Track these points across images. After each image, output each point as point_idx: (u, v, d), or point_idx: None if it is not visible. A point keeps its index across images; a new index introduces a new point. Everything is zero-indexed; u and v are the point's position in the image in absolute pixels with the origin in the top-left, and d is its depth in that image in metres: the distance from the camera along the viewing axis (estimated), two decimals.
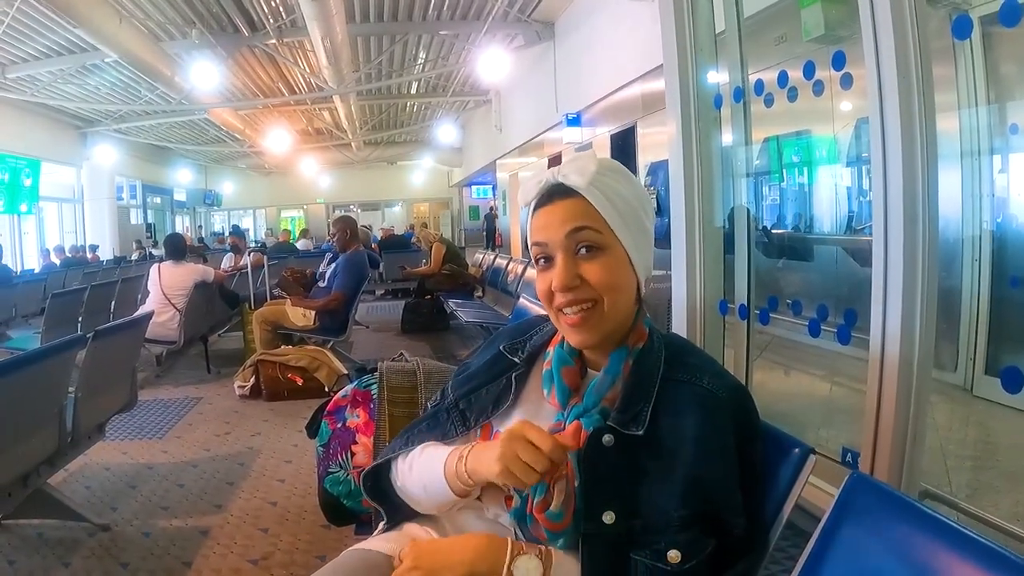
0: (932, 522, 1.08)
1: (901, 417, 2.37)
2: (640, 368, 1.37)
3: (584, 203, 1.33)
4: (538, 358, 1.52)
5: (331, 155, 26.65)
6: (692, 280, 3.63)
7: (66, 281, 11.55)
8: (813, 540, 1.22)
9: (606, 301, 1.33)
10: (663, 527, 1.24)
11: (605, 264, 1.33)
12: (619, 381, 1.36)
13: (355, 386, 2.16)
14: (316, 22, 9.70)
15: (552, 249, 1.35)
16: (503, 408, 1.47)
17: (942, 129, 2.36)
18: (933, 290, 2.38)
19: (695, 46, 3.61)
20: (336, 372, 6.16)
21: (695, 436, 1.28)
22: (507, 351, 1.55)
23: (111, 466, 4.54)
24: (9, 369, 2.83)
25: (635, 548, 1.25)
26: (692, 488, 1.25)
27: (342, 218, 7.65)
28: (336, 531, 3.16)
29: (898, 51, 2.32)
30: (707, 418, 1.30)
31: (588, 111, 11.18)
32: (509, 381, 1.49)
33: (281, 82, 17.10)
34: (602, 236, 1.33)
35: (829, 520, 1.21)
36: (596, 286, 1.32)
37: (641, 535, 1.25)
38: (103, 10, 9.67)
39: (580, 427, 1.32)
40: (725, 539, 1.25)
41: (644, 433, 1.30)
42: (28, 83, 14.65)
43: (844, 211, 5.11)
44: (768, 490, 1.35)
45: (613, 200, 1.34)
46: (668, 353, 1.40)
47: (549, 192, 1.37)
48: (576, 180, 1.33)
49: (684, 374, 1.36)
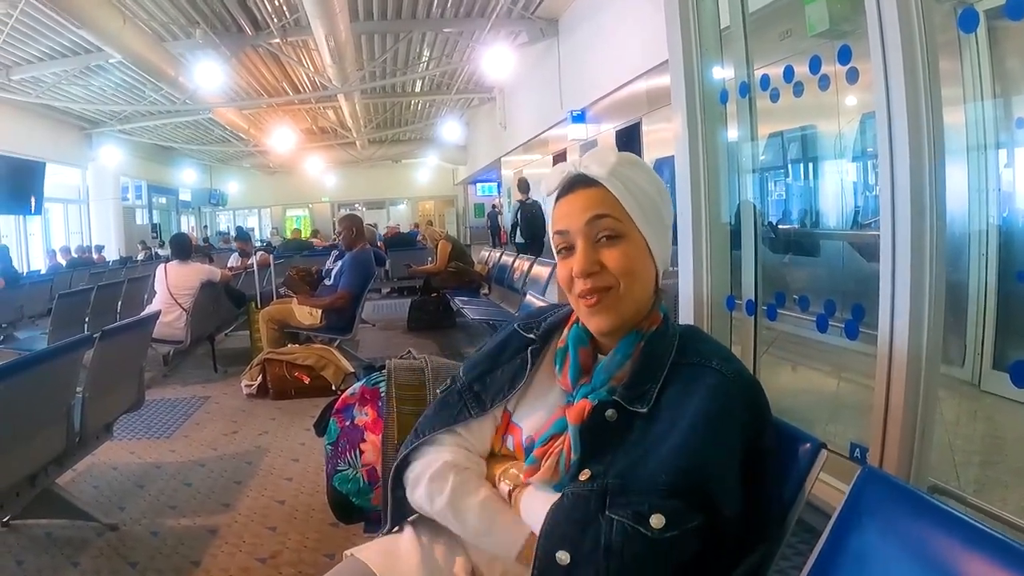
0: (945, 516, 1.07)
1: (910, 412, 2.36)
2: (651, 350, 1.38)
3: (604, 192, 1.36)
4: (552, 337, 1.55)
5: (336, 154, 26.70)
6: (699, 276, 3.63)
7: (72, 282, 11.61)
8: (825, 535, 1.22)
9: (623, 285, 1.36)
10: (645, 490, 1.22)
11: (624, 251, 1.36)
12: (629, 362, 1.38)
13: (363, 384, 2.16)
14: (320, 21, 9.71)
15: (573, 237, 1.38)
16: (519, 386, 1.49)
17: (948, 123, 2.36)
18: (941, 284, 2.38)
19: (700, 42, 3.60)
20: (343, 370, 6.17)
21: (696, 410, 1.28)
22: (522, 329, 1.58)
23: (119, 465, 4.55)
24: (17, 369, 2.83)
25: (611, 507, 1.23)
26: (684, 456, 1.24)
27: (348, 216, 7.67)
28: (344, 529, 3.16)
29: (904, 45, 2.31)
30: (713, 396, 1.30)
31: (593, 107, 11.19)
32: (525, 358, 1.52)
33: (285, 81, 17.14)
34: (622, 224, 1.36)
35: (841, 515, 1.21)
36: (615, 271, 1.35)
37: (618, 494, 1.23)
38: (107, 11, 9.69)
39: (587, 405, 1.34)
40: (714, 519, 1.22)
41: (648, 411, 1.31)
42: (33, 85, 14.73)
43: (850, 206, 5.11)
44: (780, 484, 1.35)
45: (633, 191, 1.37)
46: (681, 340, 1.41)
47: (571, 182, 1.41)
48: (597, 170, 1.36)
49: (695, 357, 1.37)
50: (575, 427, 1.32)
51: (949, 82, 4.05)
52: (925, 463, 2.44)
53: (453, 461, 1.49)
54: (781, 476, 1.35)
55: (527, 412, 1.49)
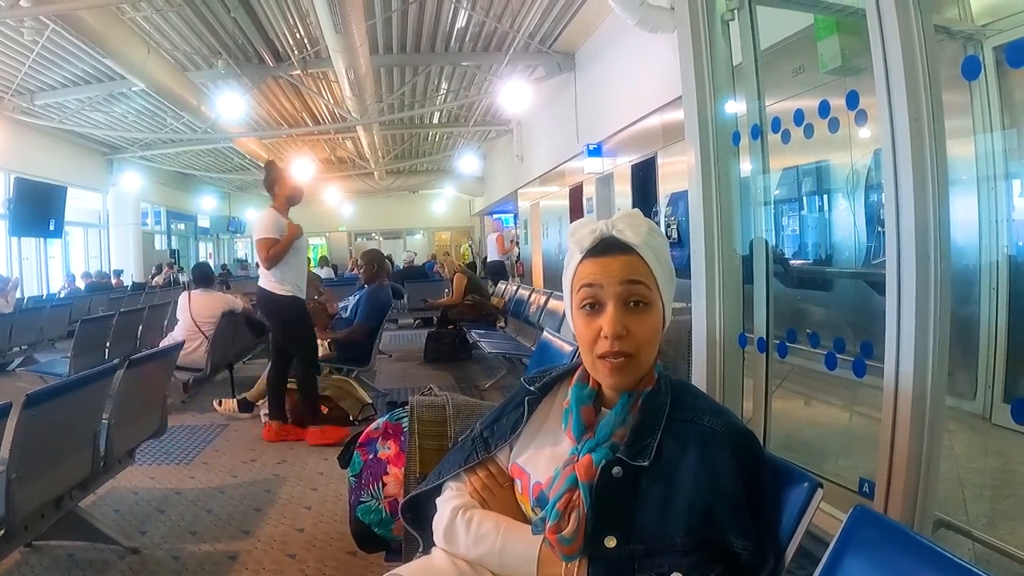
0: (934, 556, 1.13)
1: (915, 447, 2.41)
2: (648, 407, 1.50)
3: (638, 260, 1.48)
4: (552, 389, 1.69)
5: (354, 184, 26.79)
6: (712, 312, 3.67)
7: (91, 306, 11.73)
8: (818, 571, 1.29)
9: (643, 353, 1.48)
10: (666, 551, 1.35)
11: (650, 322, 1.49)
12: (629, 419, 1.50)
13: (386, 419, 2.24)
14: (340, 54, 9.84)
15: (604, 297, 1.48)
16: (520, 430, 1.64)
17: (958, 155, 2.42)
18: (946, 321, 2.43)
19: (713, 79, 3.67)
20: (361, 401, 6.23)
21: (696, 468, 1.41)
22: (527, 382, 1.72)
23: (139, 490, 4.60)
24: (50, 396, 2.93)
25: (639, 571, 1.36)
26: (694, 516, 1.36)
27: (371, 251, 7.78)
28: (363, 558, 3.23)
29: (909, 90, 2.38)
30: (707, 451, 1.42)
31: (609, 141, 11.25)
32: (524, 407, 1.66)
33: (305, 112, 17.31)
34: (651, 293, 1.48)
35: (833, 552, 1.28)
36: (640, 340, 1.47)
37: (644, 559, 1.36)
38: (132, 41, 9.87)
39: (592, 460, 1.45)
40: (734, 563, 1.35)
41: (650, 464, 1.43)
42: (56, 110, 14.94)
43: (863, 241, 5.13)
44: (778, 521, 1.43)
45: (659, 260, 1.50)
46: (674, 396, 1.53)
47: (604, 244, 1.50)
48: (632, 237, 1.48)
49: (688, 414, 1.49)
50: (585, 484, 1.43)
51: (960, 114, 4.11)
52: (931, 497, 2.48)
53: (461, 504, 1.63)
54: (781, 512, 1.43)
55: (533, 458, 1.61)
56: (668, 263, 1.53)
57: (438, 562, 1.62)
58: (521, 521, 1.57)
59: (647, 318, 1.48)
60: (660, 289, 1.50)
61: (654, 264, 1.49)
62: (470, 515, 1.60)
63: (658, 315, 1.50)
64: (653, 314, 1.49)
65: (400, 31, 11.74)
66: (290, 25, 11.18)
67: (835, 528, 1.29)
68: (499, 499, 1.63)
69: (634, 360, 1.48)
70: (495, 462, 1.67)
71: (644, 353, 1.48)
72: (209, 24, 10.91)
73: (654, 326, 1.49)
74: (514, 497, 1.63)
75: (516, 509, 1.62)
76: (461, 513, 1.60)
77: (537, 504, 1.52)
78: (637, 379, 1.52)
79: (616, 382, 1.50)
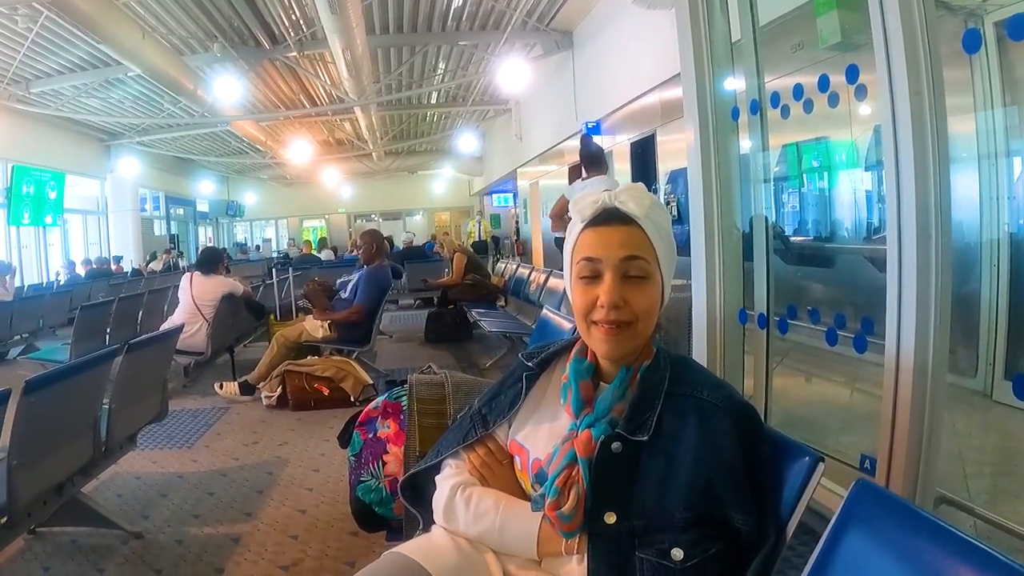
0: (936, 529, 1.12)
1: (916, 423, 2.41)
2: (646, 382, 1.50)
3: (639, 232, 1.47)
4: (550, 364, 1.68)
5: (352, 165, 26.72)
6: (712, 289, 3.67)
7: (91, 293, 11.72)
8: (820, 545, 1.28)
9: (640, 324, 1.47)
10: (667, 527, 1.35)
11: (648, 293, 1.48)
12: (627, 394, 1.49)
13: (386, 398, 2.23)
14: (336, 35, 9.78)
15: (603, 267, 1.47)
16: (518, 406, 1.64)
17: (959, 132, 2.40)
18: (947, 298, 2.42)
19: (711, 55, 3.65)
20: (361, 382, 6.23)
21: (696, 442, 1.40)
22: (525, 358, 1.71)
23: (142, 475, 4.62)
24: (49, 382, 2.92)
25: (640, 547, 1.36)
26: (695, 491, 1.36)
27: (370, 231, 7.71)
28: (365, 538, 3.24)
29: (909, 66, 2.37)
30: (706, 425, 1.42)
31: (608, 119, 11.20)
32: (522, 383, 1.65)
33: (302, 94, 17.24)
34: (650, 266, 1.47)
35: (834, 526, 1.27)
36: (637, 311, 1.46)
37: (644, 535, 1.36)
38: (127, 26, 9.79)
39: (591, 436, 1.44)
40: (735, 538, 1.35)
41: (649, 439, 1.42)
42: (52, 97, 14.87)
43: (863, 217, 5.11)
44: (779, 497, 1.42)
45: (662, 235, 1.48)
46: (673, 371, 1.52)
47: (606, 214, 1.49)
48: (634, 209, 1.47)
49: (686, 388, 1.49)
50: (584, 460, 1.43)
51: (960, 90, 4.08)
52: (932, 474, 2.48)
53: (460, 481, 1.63)
54: (782, 487, 1.42)
55: (532, 434, 1.61)
56: (670, 238, 1.52)
57: (438, 540, 1.61)
58: (521, 498, 1.57)
59: (645, 289, 1.47)
60: (660, 263, 1.49)
61: (655, 237, 1.47)
62: (469, 492, 1.59)
63: (656, 288, 1.49)
64: (651, 287, 1.48)
65: (396, 10, 11.66)
66: (286, 6, 11.11)
67: (836, 504, 1.28)
68: (498, 476, 1.62)
69: (630, 329, 1.47)
70: (494, 439, 1.67)
71: (641, 323, 1.48)
72: (204, 7, 10.83)
73: (652, 298, 1.49)
74: (513, 474, 1.63)
75: (515, 486, 1.61)
76: (460, 490, 1.60)
77: (536, 480, 1.52)
78: (631, 350, 1.51)
79: (610, 349, 1.49)
